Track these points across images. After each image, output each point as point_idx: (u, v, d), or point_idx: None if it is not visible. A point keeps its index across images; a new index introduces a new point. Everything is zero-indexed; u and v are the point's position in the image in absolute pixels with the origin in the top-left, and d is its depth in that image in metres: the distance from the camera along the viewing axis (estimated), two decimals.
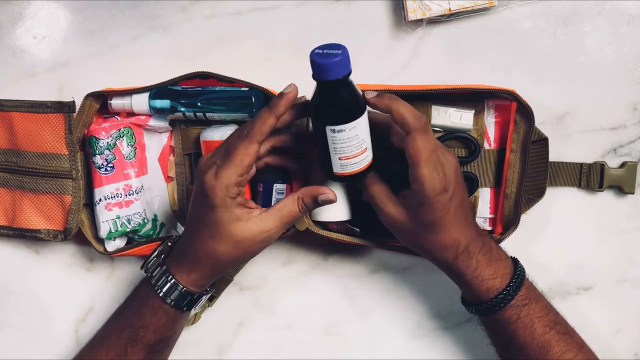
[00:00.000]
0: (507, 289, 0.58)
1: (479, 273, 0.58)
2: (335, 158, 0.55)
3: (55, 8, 0.72)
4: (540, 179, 0.66)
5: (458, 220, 0.57)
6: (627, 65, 0.68)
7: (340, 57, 0.50)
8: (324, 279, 0.74)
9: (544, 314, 0.59)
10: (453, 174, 0.56)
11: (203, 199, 0.55)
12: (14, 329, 0.75)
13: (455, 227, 0.57)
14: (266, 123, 0.54)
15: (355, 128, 0.53)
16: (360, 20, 0.69)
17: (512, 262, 0.60)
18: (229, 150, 0.55)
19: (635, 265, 0.71)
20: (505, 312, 0.58)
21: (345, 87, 0.52)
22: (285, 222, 0.57)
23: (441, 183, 0.54)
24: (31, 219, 0.69)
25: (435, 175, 0.54)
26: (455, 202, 0.56)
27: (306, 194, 0.57)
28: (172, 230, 0.72)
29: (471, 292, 0.59)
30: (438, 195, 0.54)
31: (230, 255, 0.57)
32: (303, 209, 0.58)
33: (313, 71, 0.51)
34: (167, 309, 0.60)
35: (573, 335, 0.60)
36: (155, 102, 0.66)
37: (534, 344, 0.58)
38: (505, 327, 0.59)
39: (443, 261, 0.59)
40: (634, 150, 0.70)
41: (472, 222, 0.59)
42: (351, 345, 0.74)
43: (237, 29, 0.70)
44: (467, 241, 0.58)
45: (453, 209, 0.56)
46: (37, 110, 0.67)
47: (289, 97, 0.54)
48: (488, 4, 0.66)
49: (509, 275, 0.59)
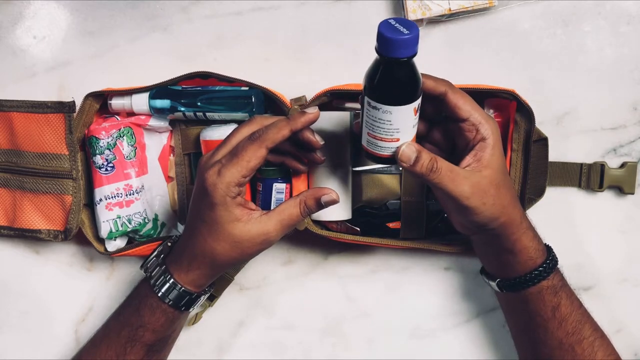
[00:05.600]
0: (550, 256, 0.59)
1: (535, 236, 0.59)
2: (364, 130, 0.54)
3: (55, 8, 0.72)
4: (540, 178, 0.66)
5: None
6: (627, 65, 0.68)
7: (405, 37, 0.47)
8: (324, 279, 0.74)
9: (572, 291, 0.61)
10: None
11: (203, 196, 0.55)
12: (14, 329, 0.76)
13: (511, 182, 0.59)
14: (280, 132, 0.54)
15: (390, 114, 0.51)
16: (360, 20, 0.69)
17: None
18: (237, 150, 0.55)
19: (635, 265, 0.71)
20: (555, 276, 0.59)
21: (395, 68, 0.49)
22: (285, 226, 0.57)
23: (493, 122, 0.56)
24: (31, 219, 0.69)
25: (487, 115, 0.56)
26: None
27: (309, 196, 0.57)
28: (173, 230, 0.72)
29: (525, 256, 0.58)
30: (499, 133, 0.56)
31: (228, 255, 0.57)
32: (305, 212, 0.57)
33: (394, 53, 0.48)
34: (166, 308, 0.60)
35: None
36: (155, 102, 0.66)
37: (573, 317, 0.60)
38: (551, 296, 0.59)
39: (518, 214, 0.58)
40: (634, 150, 0.70)
41: None
42: (351, 345, 0.74)
43: (237, 29, 0.70)
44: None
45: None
46: (37, 110, 0.67)
47: (310, 117, 0.55)
48: (488, 4, 0.66)
49: (544, 247, 0.60)
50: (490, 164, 0.55)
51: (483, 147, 0.55)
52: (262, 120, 0.57)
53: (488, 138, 0.55)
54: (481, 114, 0.55)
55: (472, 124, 0.55)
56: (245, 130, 0.57)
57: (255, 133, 0.55)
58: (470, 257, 0.71)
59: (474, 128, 0.55)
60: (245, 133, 0.56)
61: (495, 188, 0.55)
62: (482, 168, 0.55)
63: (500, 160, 0.56)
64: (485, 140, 0.55)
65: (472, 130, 0.55)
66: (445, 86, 0.55)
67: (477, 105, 0.55)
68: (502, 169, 0.56)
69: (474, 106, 0.55)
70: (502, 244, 0.58)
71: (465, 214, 0.56)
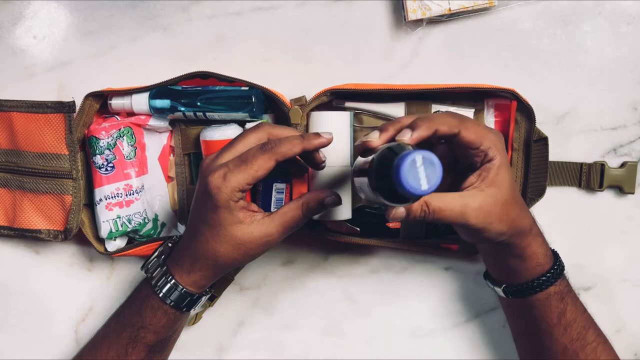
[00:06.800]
0: (557, 262, 0.59)
1: (544, 242, 0.59)
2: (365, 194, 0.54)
3: (55, 8, 0.72)
4: (540, 178, 0.66)
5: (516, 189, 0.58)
6: (627, 65, 0.68)
7: (440, 167, 0.45)
8: (324, 279, 0.74)
9: (577, 296, 0.61)
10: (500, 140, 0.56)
11: (206, 199, 0.55)
12: (14, 329, 0.75)
13: (519, 193, 0.58)
14: (293, 149, 0.55)
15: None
16: (360, 20, 0.69)
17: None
18: (247, 157, 0.54)
19: (635, 265, 0.71)
20: (561, 282, 0.59)
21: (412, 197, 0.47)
22: (287, 227, 0.57)
23: (501, 139, 0.55)
24: (32, 219, 0.69)
25: (494, 135, 0.55)
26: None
27: (311, 198, 0.57)
28: (173, 230, 0.72)
29: (534, 262, 0.58)
30: (502, 150, 0.55)
31: (231, 257, 0.57)
32: (307, 214, 0.57)
33: (412, 197, 0.46)
34: (167, 309, 0.60)
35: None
36: (155, 101, 0.66)
37: (578, 322, 0.60)
38: (558, 302, 0.59)
39: (528, 223, 0.57)
40: (634, 150, 0.70)
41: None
42: (351, 345, 0.74)
43: (237, 29, 0.70)
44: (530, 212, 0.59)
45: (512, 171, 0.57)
46: (37, 110, 0.67)
47: (323, 141, 0.56)
48: (488, 4, 0.66)
49: (551, 253, 0.60)
50: (495, 183, 0.54)
51: (488, 168, 0.54)
52: (270, 129, 0.57)
53: (495, 159, 0.54)
54: (490, 139, 0.54)
55: (482, 150, 0.54)
56: (252, 137, 0.57)
57: (268, 144, 0.55)
58: (470, 257, 0.71)
59: (483, 153, 0.54)
60: (252, 139, 0.56)
61: (501, 206, 0.54)
62: (486, 187, 0.54)
63: (507, 177, 0.55)
64: (492, 162, 0.54)
65: (480, 155, 0.54)
66: (458, 126, 0.53)
67: (483, 129, 0.54)
68: (509, 185, 0.55)
69: (482, 133, 0.54)
70: (512, 251, 0.58)
71: (472, 234, 0.55)
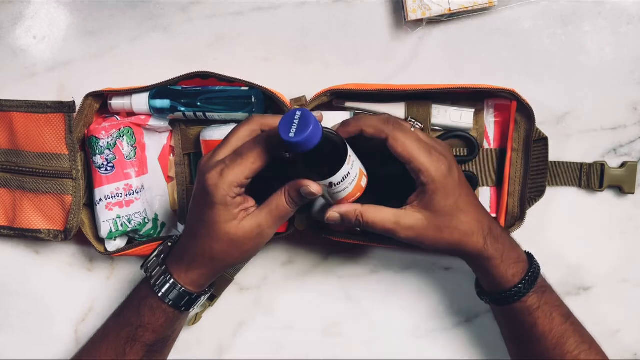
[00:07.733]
0: (529, 273, 0.58)
1: (506, 257, 0.58)
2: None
3: (55, 8, 0.72)
4: (540, 178, 0.66)
5: (472, 202, 0.57)
6: (627, 65, 0.68)
7: (313, 126, 0.48)
8: (324, 279, 0.74)
9: (560, 304, 0.60)
10: (448, 152, 0.57)
11: (204, 197, 0.55)
12: (14, 329, 0.76)
13: (472, 208, 0.57)
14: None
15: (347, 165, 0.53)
16: (360, 20, 0.69)
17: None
18: (242, 151, 0.54)
19: (635, 265, 0.71)
20: (529, 298, 0.58)
21: (309, 156, 0.51)
22: (275, 216, 0.57)
23: (444, 163, 0.55)
24: (32, 219, 0.69)
25: (434, 158, 0.54)
26: (463, 182, 0.56)
27: (292, 186, 0.56)
28: (173, 230, 0.72)
29: (498, 279, 0.58)
30: (447, 176, 0.54)
31: (227, 254, 0.57)
32: (291, 203, 0.56)
33: (292, 149, 0.50)
34: (166, 308, 0.60)
35: (584, 328, 0.61)
36: (155, 101, 0.66)
37: (553, 334, 0.58)
38: (527, 316, 0.58)
39: (473, 248, 0.57)
40: (634, 150, 0.70)
41: (482, 205, 0.59)
42: (351, 345, 0.74)
43: (237, 29, 0.70)
44: (489, 222, 0.58)
45: (465, 189, 0.56)
46: (37, 110, 0.67)
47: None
48: (488, 4, 0.66)
49: (525, 260, 0.59)
50: (429, 207, 0.55)
51: (424, 191, 0.55)
52: (261, 120, 0.57)
53: (428, 184, 0.54)
54: (422, 162, 0.54)
55: (413, 170, 0.54)
56: (244, 130, 0.56)
57: (261, 134, 0.55)
58: None
59: (415, 174, 0.55)
60: (245, 132, 0.56)
61: (434, 230, 0.56)
62: (420, 210, 0.55)
63: (444, 203, 0.55)
64: (425, 187, 0.54)
65: (414, 175, 0.55)
66: (385, 132, 0.54)
67: (417, 148, 0.54)
68: (446, 212, 0.55)
69: (414, 152, 0.54)
70: (471, 266, 0.60)
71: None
